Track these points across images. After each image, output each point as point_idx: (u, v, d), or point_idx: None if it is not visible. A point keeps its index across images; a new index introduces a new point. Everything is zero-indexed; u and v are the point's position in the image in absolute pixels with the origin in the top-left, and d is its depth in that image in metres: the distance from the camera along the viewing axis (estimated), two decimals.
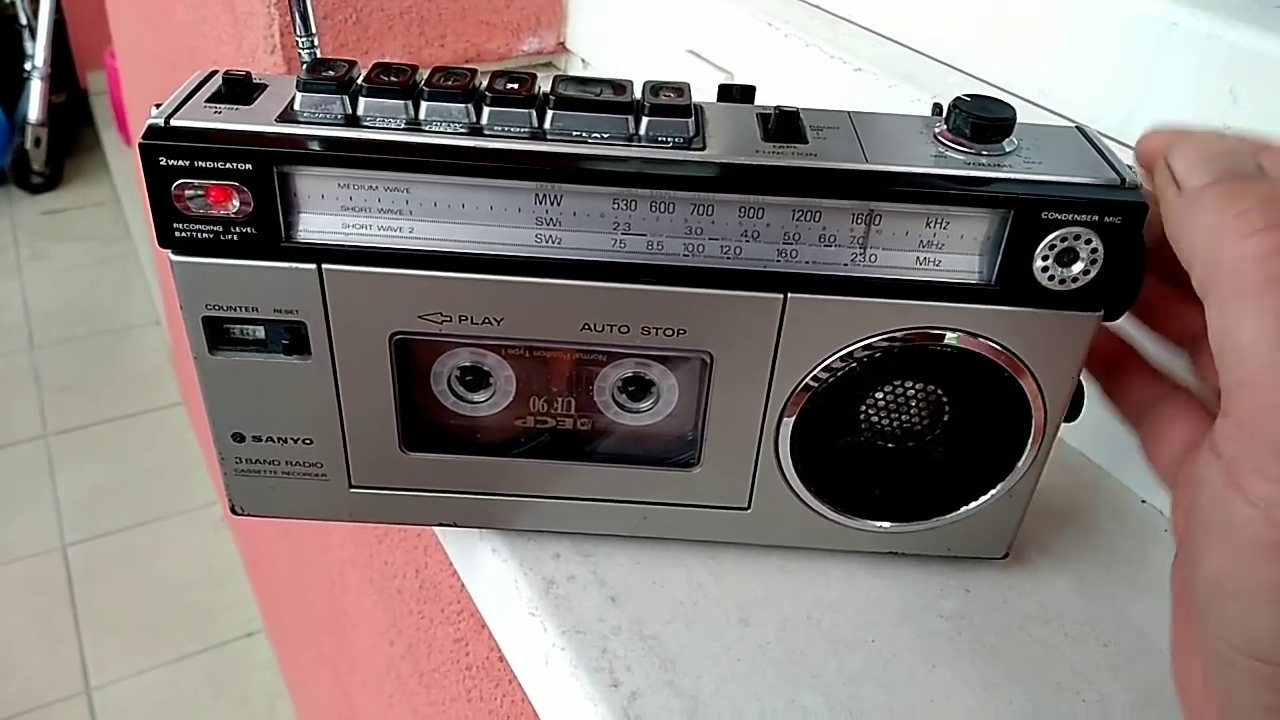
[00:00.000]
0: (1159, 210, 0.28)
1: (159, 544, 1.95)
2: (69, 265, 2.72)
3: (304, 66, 0.31)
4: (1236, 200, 0.24)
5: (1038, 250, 0.31)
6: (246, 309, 0.32)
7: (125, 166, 2.96)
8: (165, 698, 1.70)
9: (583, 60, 0.76)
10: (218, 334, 0.33)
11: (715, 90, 0.59)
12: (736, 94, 0.35)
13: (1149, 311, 0.32)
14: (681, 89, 0.32)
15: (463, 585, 0.61)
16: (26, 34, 2.86)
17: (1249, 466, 0.23)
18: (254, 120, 0.30)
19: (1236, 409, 0.23)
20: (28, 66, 2.84)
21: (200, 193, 0.30)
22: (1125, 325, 0.34)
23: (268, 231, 0.31)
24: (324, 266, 0.31)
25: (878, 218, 0.31)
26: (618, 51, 0.70)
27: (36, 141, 2.91)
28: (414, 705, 0.80)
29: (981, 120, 0.31)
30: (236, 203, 0.30)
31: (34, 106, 2.85)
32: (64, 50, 3.08)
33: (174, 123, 0.29)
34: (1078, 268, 0.31)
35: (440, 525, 0.38)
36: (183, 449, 2.12)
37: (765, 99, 0.36)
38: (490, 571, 0.39)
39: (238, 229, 0.30)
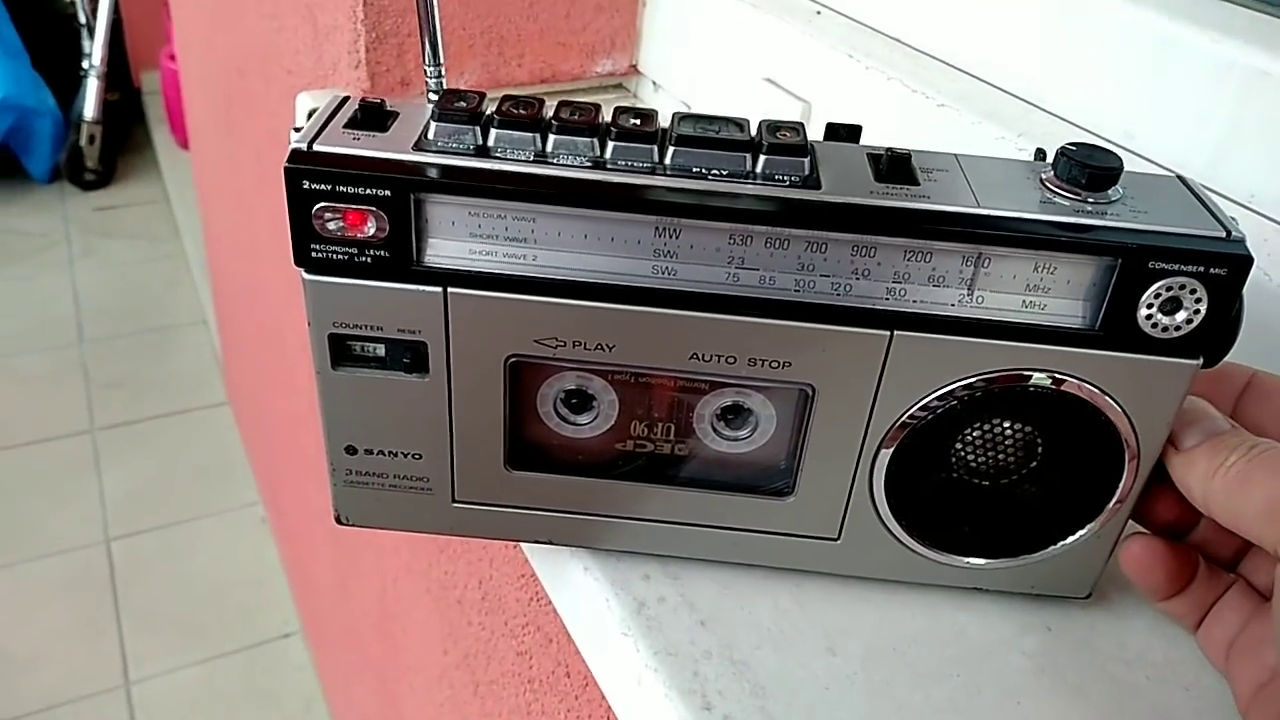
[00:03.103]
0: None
1: (200, 542, 1.97)
2: (119, 262, 2.77)
3: (435, 96, 0.32)
4: (1218, 454, 0.32)
5: (1143, 298, 0.32)
6: (372, 328, 0.33)
7: (176, 166, 3.01)
8: (201, 695, 1.72)
9: (654, 83, 0.77)
10: (341, 350, 0.34)
11: (796, 119, 0.60)
12: (844, 133, 0.36)
13: (1202, 539, 0.38)
14: (798, 128, 0.33)
15: (531, 598, 0.62)
16: (84, 33, 2.92)
17: None
18: (391, 148, 0.31)
19: None
20: (85, 65, 2.89)
21: (338, 216, 0.31)
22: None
23: (400, 255, 0.32)
24: (450, 290, 0.32)
25: (987, 260, 0.32)
26: (692, 76, 0.71)
27: (91, 139, 2.96)
28: (466, 715, 0.81)
29: (1091, 169, 0.32)
30: (372, 227, 0.31)
31: (90, 104, 2.90)
32: (119, 50, 3.14)
33: (316, 148, 0.31)
34: (1181, 316, 0.32)
35: (536, 542, 0.39)
36: (226, 448, 2.15)
37: (862, 131, 0.37)
38: (581, 590, 0.39)
39: (371, 251, 0.32)
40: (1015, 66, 0.53)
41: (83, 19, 2.92)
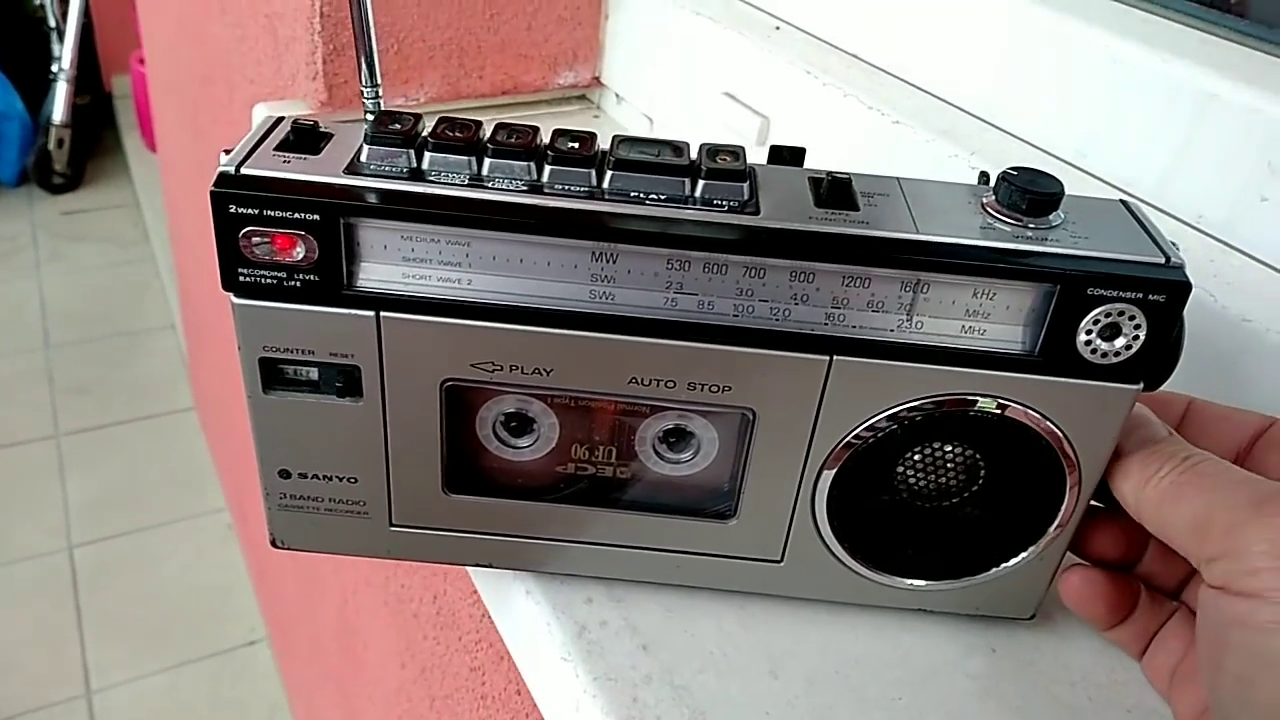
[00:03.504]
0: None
1: (166, 549, 1.95)
2: (87, 266, 2.74)
3: (371, 119, 0.32)
4: (1151, 464, 0.33)
5: (1082, 324, 0.32)
6: (303, 352, 0.33)
7: (146, 170, 2.98)
8: (165, 703, 1.70)
9: (617, 95, 0.76)
10: (273, 374, 0.34)
11: (755, 135, 0.60)
12: (787, 156, 0.36)
13: (1148, 571, 0.38)
14: (737, 152, 0.33)
15: (483, 615, 0.61)
16: (54, 36, 2.89)
17: (1232, 578, 0.29)
18: (322, 171, 0.31)
19: (1206, 553, 0.30)
20: (54, 68, 2.86)
21: (266, 240, 0.30)
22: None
23: (330, 279, 0.31)
24: (382, 314, 0.32)
25: (926, 286, 0.32)
26: (654, 89, 0.71)
27: (59, 143, 2.93)
28: None
29: (1030, 194, 0.32)
30: (301, 251, 0.31)
31: (59, 108, 2.87)
32: (90, 53, 3.11)
33: (244, 171, 0.30)
34: (1120, 342, 0.32)
35: (476, 566, 0.39)
36: (193, 454, 2.13)
37: (805, 153, 0.37)
38: (523, 613, 0.39)
39: (301, 275, 0.31)
40: (971, 84, 0.53)
41: (52, 22, 2.89)
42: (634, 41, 0.72)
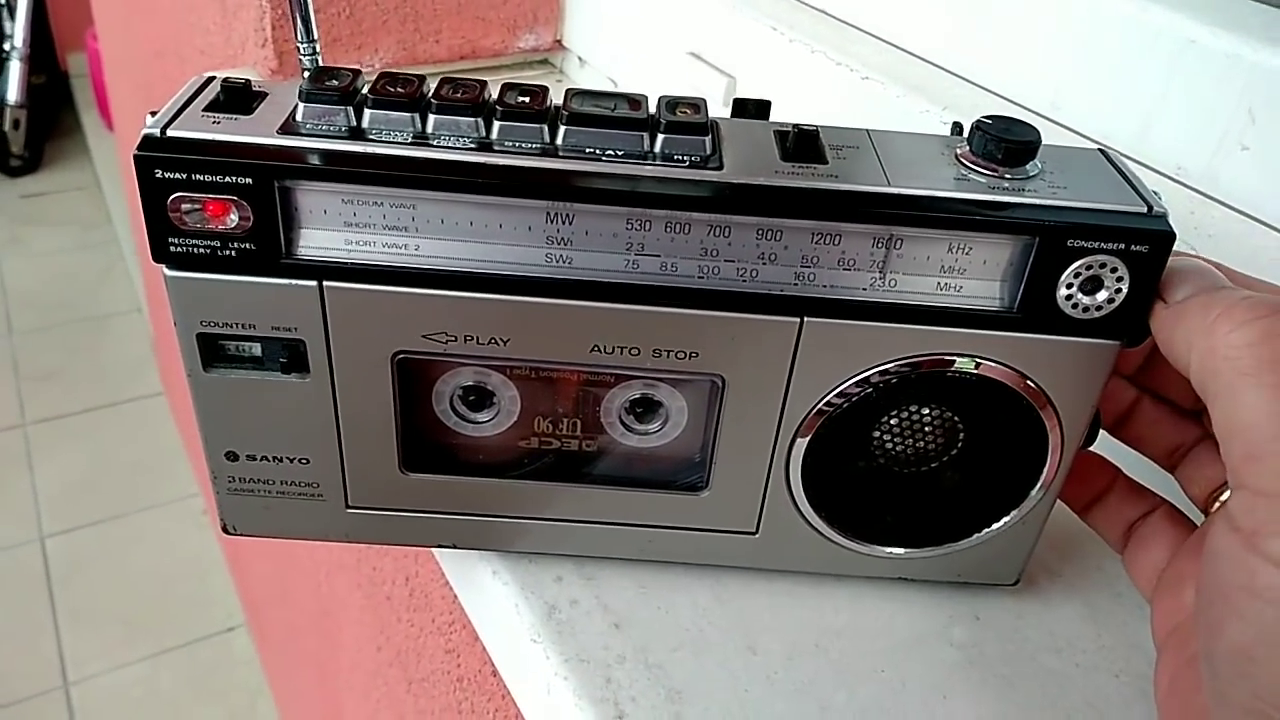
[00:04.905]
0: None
1: (139, 536, 1.92)
2: (49, 250, 2.69)
3: (306, 75, 0.30)
4: (1220, 301, 0.27)
5: (1062, 278, 0.30)
6: (243, 326, 0.31)
7: (106, 150, 2.92)
8: (144, 693, 1.68)
9: (580, 58, 0.74)
10: (213, 350, 0.32)
11: (721, 95, 0.58)
12: (752, 109, 0.34)
13: (1137, 434, 0.35)
14: (698, 105, 0.31)
15: (455, 597, 0.60)
16: (5, 14, 2.82)
17: (1269, 530, 0.24)
18: (254, 132, 0.29)
19: (1250, 481, 0.25)
20: (6, 47, 2.79)
21: (197, 207, 0.28)
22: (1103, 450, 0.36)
23: (267, 247, 0.29)
24: (325, 284, 0.30)
25: (898, 242, 0.30)
26: (617, 51, 0.69)
27: (15, 124, 2.86)
28: (401, 713, 0.79)
29: (1006, 143, 0.31)
30: (235, 217, 0.29)
31: (13, 88, 2.80)
32: (44, 31, 3.04)
33: (170, 133, 0.28)
34: (1102, 296, 0.31)
35: (439, 547, 0.37)
36: (164, 439, 2.10)
37: (771, 106, 0.35)
38: (490, 594, 0.37)
39: (236, 244, 0.29)
40: (941, 38, 0.52)
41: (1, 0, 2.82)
42: (596, 2, 0.70)
